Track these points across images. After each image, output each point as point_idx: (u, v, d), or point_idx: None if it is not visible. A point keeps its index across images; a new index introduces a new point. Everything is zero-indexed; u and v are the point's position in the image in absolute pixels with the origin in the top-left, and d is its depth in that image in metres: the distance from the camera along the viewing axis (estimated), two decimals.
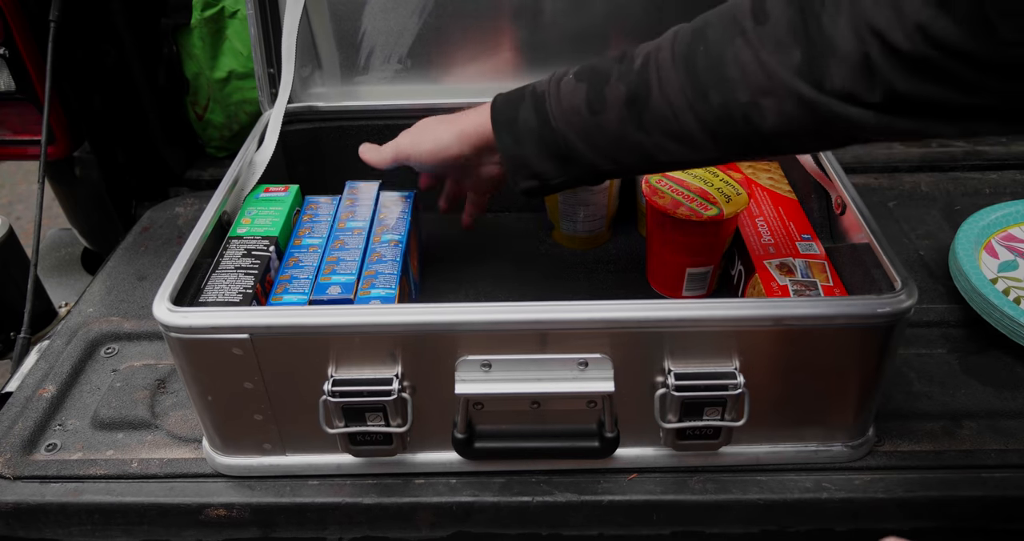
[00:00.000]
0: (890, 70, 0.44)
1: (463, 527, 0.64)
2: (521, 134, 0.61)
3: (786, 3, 0.48)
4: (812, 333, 0.57)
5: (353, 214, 0.76)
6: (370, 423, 0.59)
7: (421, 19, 0.89)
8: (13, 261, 1.00)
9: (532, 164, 0.61)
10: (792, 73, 0.47)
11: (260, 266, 0.66)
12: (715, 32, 0.51)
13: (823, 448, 0.64)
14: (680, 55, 0.53)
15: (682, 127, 0.53)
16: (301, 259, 0.70)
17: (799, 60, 0.47)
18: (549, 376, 0.57)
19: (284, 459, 0.64)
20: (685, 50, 0.53)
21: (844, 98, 0.46)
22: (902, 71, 0.44)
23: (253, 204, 0.75)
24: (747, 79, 0.49)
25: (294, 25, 0.84)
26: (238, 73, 1.07)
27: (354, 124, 0.91)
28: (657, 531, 0.64)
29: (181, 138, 1.16)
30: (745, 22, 0.50)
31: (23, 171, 2.50)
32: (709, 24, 0.52)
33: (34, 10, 0.93)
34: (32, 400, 0.71)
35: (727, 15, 0.51)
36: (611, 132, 0.57)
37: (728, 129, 0.52)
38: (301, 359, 0.57)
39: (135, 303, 0.84)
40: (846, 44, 0.45)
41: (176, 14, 1.06)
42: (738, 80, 0.50)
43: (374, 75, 0.93)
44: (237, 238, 0.69)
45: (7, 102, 0.97)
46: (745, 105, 0.50)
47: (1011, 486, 0.62)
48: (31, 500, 0.63)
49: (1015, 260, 0.81)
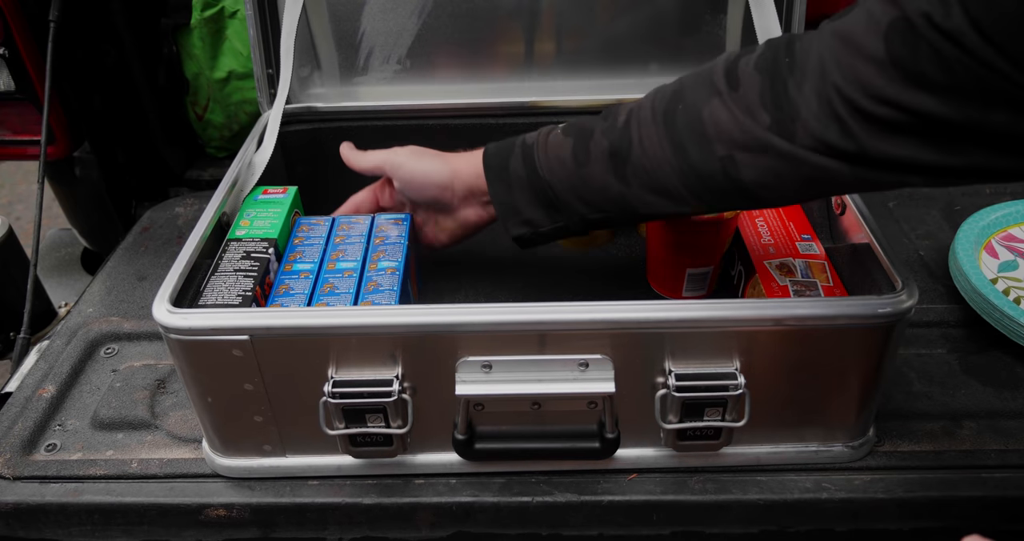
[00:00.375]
0: (860, 130, 0.46)
1: (463, 527, 0.64)
2: (512, 182, 0.64)
3: (755, 70, 0.51)
4: (813, 333, 0.57)
5: (344, 253, 0.72)
6: (370, 424, 0.59)
7: (420, 20, 0.89)
8: (13, 261, 1.00)
9: (523, 211, 0.64)
10: (765, 130, 0.50)
11: (259, 268, 0.65)
12: (693, 92, 0.54)
13: (824, 448, 0.64)
14: (660, 112, 0.55)
15: (662, 181, 0.56)
16: (292, 287, 0.68)
17: (769, 122, 0.50)
18: (550, 377, 0.57)
19: (284, 461, 0.64)
20: (665, 107, 0.55)
21: (818, 151, 0.48)
22: (873, 132, 0.45)
23: (252, 206, 0.74)
24: (723, 135, 0.52)
25: (293, 26, 0.84)
26: (238, 73, 1.07)
27: (353, 125, 0.91)
28: (657, 531, 0.64)
29: (181, 138, 1.16)
30: (720, 85, 0.52)
31: (23, 171, 2.50)
32: (687, 86, 0.55)
33: (34, 10, 0.93)
34: (32, 400, 0.71)
35: (704, 77, 0.54)
36: (595, 183, 0.60)
37: (707, 183, 0.55)
38: (301, 360, 0.57)
39: (135, 303, 0.84)
40: (812, 109, 0.47)
41: (176, 14, 1.06)
42: (715, 136, 0.52)
43: (373, 76, 0.93)
44: (236, 240, 0.69)
45: (7, 102, 0.97)
46: (723, 159, 0.52)
47: (1011, 486, 0.62)
48: (31, 500, 0.63)
49: (1015, 260, 0.81)
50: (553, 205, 0.63)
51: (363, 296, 0.67)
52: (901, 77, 0.43)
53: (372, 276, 0.69)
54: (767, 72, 0.50)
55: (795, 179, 0.51)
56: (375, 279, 0.69)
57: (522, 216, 0.65)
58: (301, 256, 0.71)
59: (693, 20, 0.89)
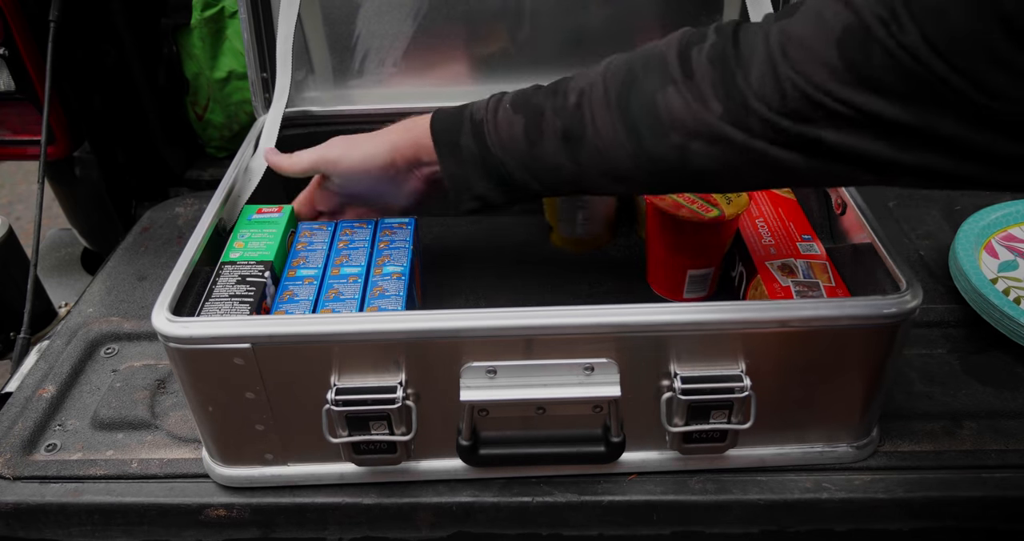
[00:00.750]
0: (814, 123, 0.46)
1: (463, 527, 0.64)
2: (464, 158, 0.62)
3: (707, 61, 0.50)
4: (819, 335, 0.56)
5: (348, 259, 0.72)
6: (374, 432, 0.58)
7: (415, 22, 0.89)
8: (13, 261, 1.00)
9: (475, 187, 0.63)
10: (718, 119, 0.49)
11: (255, 293, 0.63)
12: (646, 76, 0.53)
13: (828, 449, 0.64)
14: (614, 96, 0.54)
15: (616, 163, 0.56)
16: (296, 293, 0.67)
17: (722, 111, 0.49)
18: (555, 382, 0.57)
19: (286, 469, 0.63)
20: (618, 90, 0.54)
21: (772, 142, 0.48)
22: (827, 125, 0.45)
23: (246, 226, 0.72)
24: (678, 123, 0.51)
25: (290, 30, 0.83)
26: (238, 73, 1.07)
27: (348, 128, 0.90)
28: (657, 531, 0.64)
29: (181, 138, 1.16)
30: (675, 72, 0.51)
31: (23, 171, 2.50)
32: (639, 68, 0.54)
33: (34, 10, 0.93)
34: (32, 400, 0.71)
35: (658, 61, 0.53)
36: (548, 163, 0.59)
37: (661, 168, 0.54)
38: (303, 368, 0.57)
39: (135, 303, 0.84)
40: (765, 100, 0.47)
41: (176, 14, 1.06)
42: (669, 123, 0.52)
43: (368, 79, 0.92)
44: (230, 263, 0.67)
45: (7, 102, 0.97)
46: (678, 146, 0.52)
47: (1011, 486, 0.62)
48: (31, 500, 0.63)
49: (1015, 260, 0.81)
50: (506, 181, 0.61)
51: (369, 301, 0.66)
52: (855, 81, 0.43)
53: (377, 281, 0.68)
54: (718, 63, 0.50)
55: (749, 168, 0.51)
56: (381, 284, 0.68)
57: (474, 191, 0.63)
58: (304, 262, 0.70)
59: (689, 21, 0.90)
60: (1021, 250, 0.83)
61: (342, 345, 0.55)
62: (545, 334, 0.55)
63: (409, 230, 0.75)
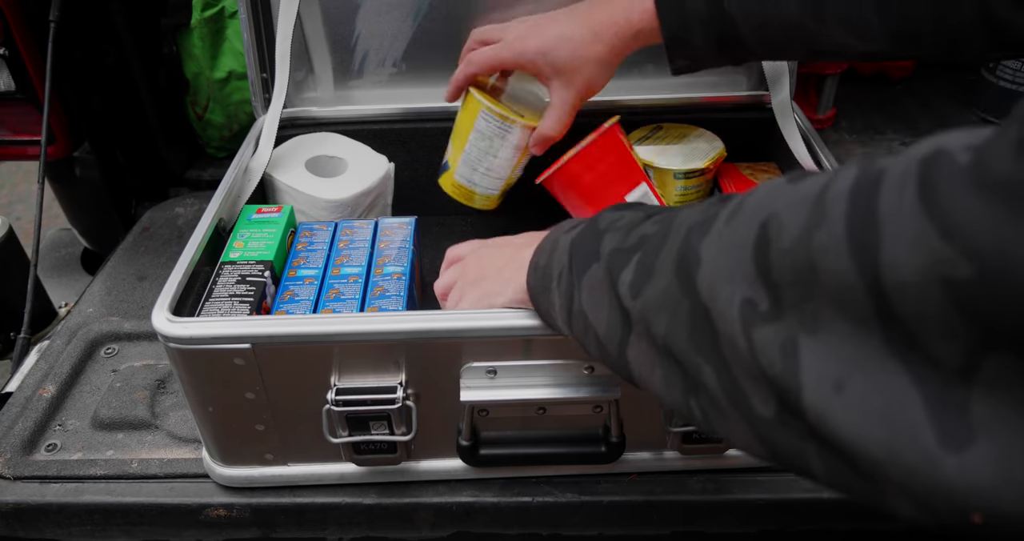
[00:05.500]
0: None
1: (463, 527, 0.64)
2: (688, 17, 0.63)
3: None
4: None
5: (348, 259, 0.72)
6: (374, 432, 0.58)
7: (415, 22, 0.89)
8: (13, 261, 1.00)
9: (694, 46, 0.64)
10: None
11: (255, 293, 0.63)
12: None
13: None
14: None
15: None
16: (297, 293, 0.67)
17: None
18: (555, 382, 0.57)
19: (286, 469, 0.63)
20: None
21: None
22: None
23: (245, 226, 0.72)
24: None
25: (289, 30, 0.83)
26: (238, 73, 1.07)
27: (348, 129, 0.91)
28: (657, 531, 0.64)
29: (181, 138, 1.16)
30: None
31: (23, 171, 2.50)
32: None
33: (34, 10, 0.93)
34: (32, 400, 0.71)
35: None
36: (786, 23, 0.59)
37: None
38: (304, 368, 0.57)
39: (135, 303, 0.84)
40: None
41: (176, 14, 1.06)
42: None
43: (368, 79, 0.92)
44: (230, 263, 0.67)
45: (7, 102, 0.97)
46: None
47: None
48: (31, 500, 0.63)
49: None
50: (729, 43, 0.63)
51: (370, 301, 0.66)
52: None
53: (378, 281, 0.68)
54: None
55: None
56: (381, 284, 0.68)
57: (690, 49, 0.65)
58: (305, 262, 0.70)
59: None
60: None
61: (342, 345, 0.55)
62: (545, 334, 0.55)
63: (409, 230, 0.75)
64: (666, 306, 0.36)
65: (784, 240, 0.30)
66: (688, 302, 0.34)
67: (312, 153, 0.87)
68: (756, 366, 0.31)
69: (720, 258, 0.33)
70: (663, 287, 0.36)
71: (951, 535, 0.27)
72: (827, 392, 0.28)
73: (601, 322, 0.41)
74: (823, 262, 0.28)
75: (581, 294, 0.43)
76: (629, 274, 0.39)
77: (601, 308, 0.41)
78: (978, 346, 0.24)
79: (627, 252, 0.40)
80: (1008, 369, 0.24)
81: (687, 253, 0.35)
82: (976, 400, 0.25)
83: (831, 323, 0.28)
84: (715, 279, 0.33)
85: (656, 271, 0.37)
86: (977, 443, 0.24)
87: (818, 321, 0.28)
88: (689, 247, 0.35)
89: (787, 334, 0.29)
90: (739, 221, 0.33)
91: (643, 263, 0.38)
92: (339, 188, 0.82)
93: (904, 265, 0.25)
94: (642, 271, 0.38)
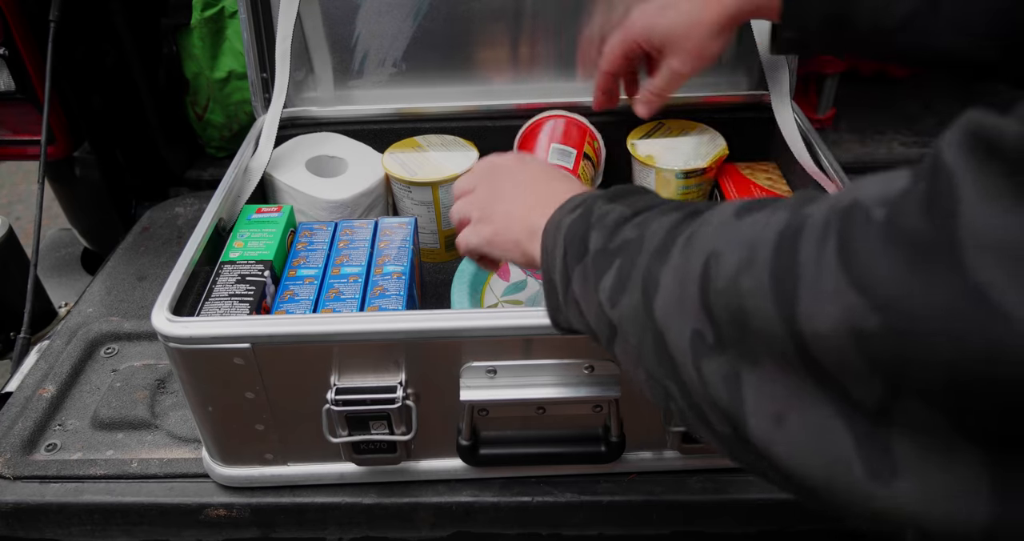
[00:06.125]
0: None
1: (463, 527, 0.64)
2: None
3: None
4: None
5: (348, 258, 0.72)
6: (374, 432, 0.58)
7: (415, 22, 0.89)
8: (13, 261, 1.00)
9: (809, 26, 0.64)
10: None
11: (255, 293, 0.63)
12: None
13: None
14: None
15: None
16: (297, 293, 0.67)
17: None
18: (555, 381, 0.57)
19: (286, 469, 0.63)
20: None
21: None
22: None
23: (245, 226, 0.72)
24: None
25: (288, 30, 0.83)
26: (238, 73, 1.07)
27: (348, 129, 0.91)
28: (657, 531, 0.64)
29: (181, 138, 1.16)
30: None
31: (23, 171, 2.50)
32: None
33: (34, 10, 0.93)
34: (32, 400, 0.71)
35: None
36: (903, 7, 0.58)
37: None
38: (304, 368, 0.57)
39: (135, 303, 0.84)
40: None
41: (176, 14, 1.06)
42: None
43: (368, 79, 0.92)
44: (230, 263, 0.67)
45: (7, 102, 0.97)
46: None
47: None
48: (31, 500, 0.63)
49: None
50: (841, 24, 0.62)
51: (369, 301, 0.66)
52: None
53: (378, 281, 0.68)
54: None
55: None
56: (381, 284, 0.68)
57: (806, 24, 0.64)
58: (305, 262, 0.70)
59: None
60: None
61: (342, 345, 0.55)
62: (545, 334, 0.55)
63: (409, 230, 0.75)
64: (636, 323, 0.37)
65: (719, 280, 0.31)
66: (651, 326, 0.36)
67: (312, 153, 0.87)
68: (707, 395, 0.32)
69: (673, 287, 0.34)
70: (633, 304, 0.37)
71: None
72: (768, 426, 0.30)
73: (592, 315, 0.43)
74: (750, 305, 0.29)
75: (573, 285, 0.44)
76: (609, 281, 0.40)
77: (591, 305, 0.42)
78: (888, 392, 0.26)
79: (609, 256, 0.41)
80: (915, 414, 0.25)
81: (648, 278, 0.37)
82: (895, 439, 0.26)
83: (766, 361, 0.29)
84: (669, 307, 0.35)
85: (630, 284, 0.38)
86: (900, 477, 0.26)
87: (756, 357, 0.30)
88: (650, 272, 0.36)
89: (729, 368, 0.31)
90: (690, 252, 0.34)
91: (621, 272, 0.39)
92: (339, 188, 0.82)
93: (819, 314, 0.26)
94: (619, 281, 0.39)
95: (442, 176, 0.81)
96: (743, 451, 0.32)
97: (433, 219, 0.84)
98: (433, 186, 0.81)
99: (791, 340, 0.28)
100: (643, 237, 0.39)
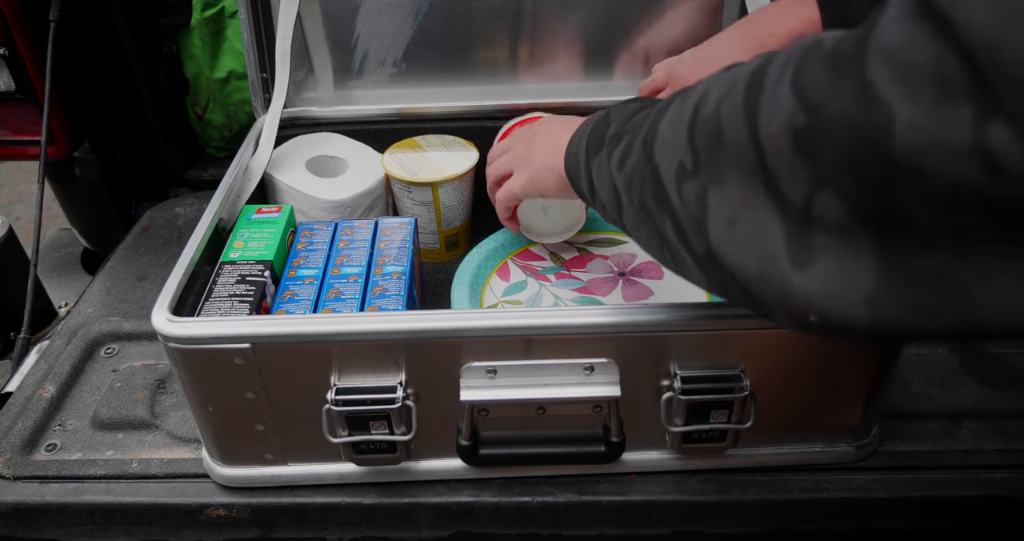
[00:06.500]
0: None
1: (463, 527, 0.64)
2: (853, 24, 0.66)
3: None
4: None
5: (348, 259, 0.72)
6: (374, 432, 0.58)
7: (415, 23, 0.89)
8: (13, 261, 1.00)
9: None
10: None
11: (255, 293, 0.63)
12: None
13: (828, 449, 0.64)
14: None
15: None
16: (297, 293, 0.67)
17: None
18: (555, 381, 0.57)
19: (286, 469, 0.63)
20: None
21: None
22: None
23: (245, 226, 0.72)
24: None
25: (288, 30, 0.83)
26: (238, 73, 1.07)
27: (348, 129, 0.91)
28: (657, 531, 0.64)
29: (181, 138, 1.16)
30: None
31: (23, 171, 2.50)
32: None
33: (34, 10, 0.93)
34: (32, 400, 0.71)
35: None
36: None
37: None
38: (304, 368, 0.57)
39: (135, 303, 0.84)
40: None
41: (176, 14, 1.06)
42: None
43: (368, 79, 0.92)
44: (230, 263, 0.67)
45: (7, 102, 0.97)
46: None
47: (1011, 486, 0.62)
48: (31, 500, 0.63)
49: None
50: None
51: (370, 301, 0.66)
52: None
53: (378, 281, 0.68)
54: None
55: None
56: (381, 284, 0.68)
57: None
58: (305, 262, 0.70)
59: (688, 21, 0.90)
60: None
61: (342, 345, 0.55)
62: (545, 334, 0.55)
63: (409, 230, 0.75)
64: (637, 173, 0.44)
65: (706, 110, 0.37)
66: (649, 167, 0.42)
67: (312, 153, 0.87)
68: (687, 214, 0.39)
69: (668, 129, 0.41)
70: (636, 158, 0.44)
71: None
72: (723, 230, 0.36)
73: (606, 193, 0.49)
74: (727, 125, 0.35)
75: (592, 173, 0.51)
76: (618, 152, 0.47)
77: (604, 182, 0.49)
78: (812, 185, 0.31)
79: (620, 136, 0.48)
80: (827, 206, 0.31)
81: (651, 128, 0.43)
82: (815, 233, 0.32)
83: (731, 176, 0.35)
84: (663, 146, 0.41)
85: (634, 147, 0.45)
86: (815, 264, 0.32)
87: (722, 175, 0.36)
88: (654, 124, 0.43)
89: (700, 188, 0.37)
90: (686, 99, 0.40)
91: (629, 143, 0.46)
92: (339, 188, 0.82)
93: (772, 121, 0.32)
94: (626, 148, 0.46)
95: (442, 176, 0.81)
96: (713, 268, 0.38)
97: (433, 219, 0.84)
98: (433, 186, 0.81)
99: (752, 148, 0.33)
100: (651, 113, 0.45)
